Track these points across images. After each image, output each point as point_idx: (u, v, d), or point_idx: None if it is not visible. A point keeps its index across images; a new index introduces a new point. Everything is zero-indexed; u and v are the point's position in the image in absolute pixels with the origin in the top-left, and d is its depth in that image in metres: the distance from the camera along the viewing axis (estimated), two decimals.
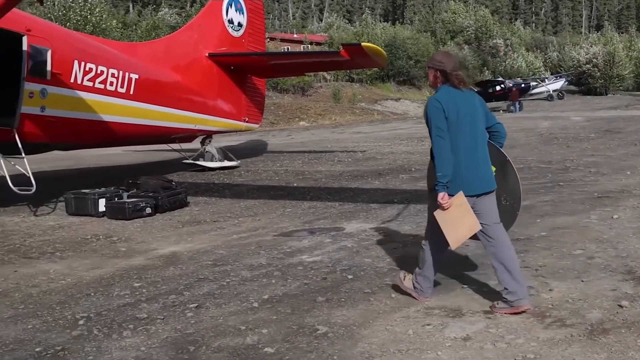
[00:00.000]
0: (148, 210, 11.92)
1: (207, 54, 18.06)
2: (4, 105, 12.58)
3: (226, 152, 19.19)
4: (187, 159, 18.46)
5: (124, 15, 79.39)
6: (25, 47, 12.12)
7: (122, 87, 14.56)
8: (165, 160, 20.80)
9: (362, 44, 15.17)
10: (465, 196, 6.28)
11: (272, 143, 25.94)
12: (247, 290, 7.40)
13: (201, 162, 18.35)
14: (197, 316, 6.63)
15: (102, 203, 12.05)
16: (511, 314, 6.21)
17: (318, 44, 68.86)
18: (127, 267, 8.63)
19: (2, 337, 6.23)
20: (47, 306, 7.12)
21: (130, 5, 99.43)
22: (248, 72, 19.29)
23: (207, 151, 18.75)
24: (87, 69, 13.54)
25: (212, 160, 18.53)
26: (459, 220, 6.31)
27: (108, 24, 47.69)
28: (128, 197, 12.34)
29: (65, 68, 13.01)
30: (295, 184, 15.35)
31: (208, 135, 18.85)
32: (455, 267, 7.85)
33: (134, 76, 14.93)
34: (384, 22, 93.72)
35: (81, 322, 6.56)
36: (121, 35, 49.53)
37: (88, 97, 13.63)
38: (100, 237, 10.50)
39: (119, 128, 14.63)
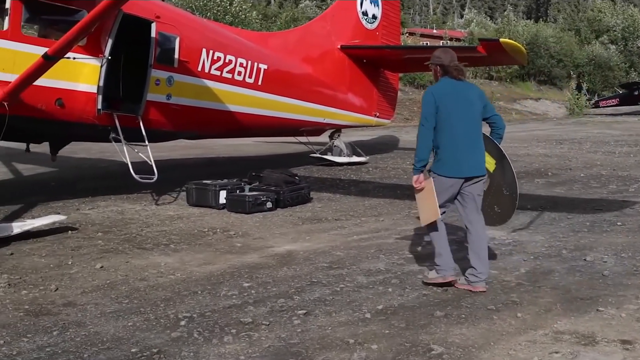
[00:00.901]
0: (269, 204, 11.55)
1: (339, 46, 17.60)
2: (130, 92, 12.50)
3: (355, 147, 18.68)
4: (315, 153, 18.05)
5: (265, 7, 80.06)
6: (153, 34, 11.98)
7: (250, 77, 14.29)
8: (293, 153, 20.51)
9: (501, 40, 14.25)
10: (455, 178, 7.02)
11: (404, 140, 25.26)
12: (360, 299, 6.86)
13: (329, 157, 17.91)
14: (304, 324, 6.13)
15: (222, 195, 11.77)
16: (467, 290, 7.06)
17: (458, 40, 67.46)
18: (239, 265, 8.25)
19: (100, 334, 5.93)
20: (151, 302, 6.81)
21: None
22: (381, 65, 18.71)
23: (335, 145, 18.29)
24: (215, 57, 13.32)
25: (340, 155, 18.06)
26: (426, 203, 7.14)
27: (247, 14, 47.96)
28: (250, 190, 12.01)
29: (193, 56, 12.82)
30: None
31: (337, 129, 18.40)
32: (590, 286, 7.06)
33: (263, 66, 14.62)
34: (526, 19, 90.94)
35: (183, 322, 6.19)
36: (260, 26, 49.82)
37: (215, 87, 13.41)
38: (218, 230, 10.20)
39: (245, 119, 14.37)
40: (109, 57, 10.96)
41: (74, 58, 10.52)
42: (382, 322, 6.16)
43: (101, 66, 10.99)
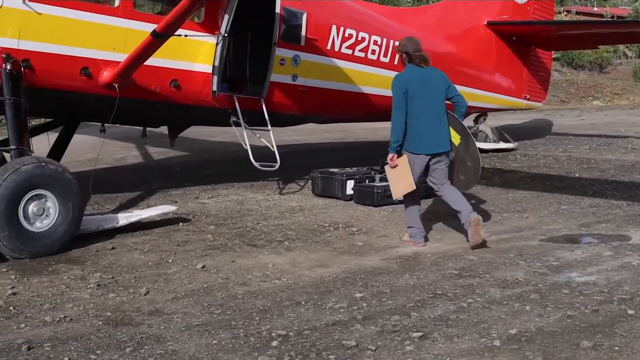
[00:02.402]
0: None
1: (485, 22, 16.07)
2: (252, 72, 11.68)
3: (502, 133, 17.15)
4: None
5: None
6: (278, 9, 11.07)
7: (385, 56, 13.16)
8: None
9: None
10: (422, 154, 8.02)
11: (559, 124, 23.34)
12: (490, 319, 5.69)
13: None
14: (417, 352, 5.04)
15: (350, 185, 10.78)
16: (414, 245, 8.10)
17: (620, 17, 63.48)
18: (356, 269, 7.23)
19: (177, 354, 5.08)
20: (245, 314, 5.91)
21: None
22: (532, 43, 17.03)
23: (480, 130, 16.82)
24: (346, 35, 12.28)
25: (485, 141, 16.57)
26: (401, 178, 8.11)
27: None
28: (380, 180, 10.94)
29: (322, 34, 11.83)
30: (577, 174, 13.06)
31: (482, 112, 16.91)
32: None
33: None
34: None
35: (275, 343, 5.25)
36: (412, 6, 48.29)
37: (346, 66, 12.37)
38: (340, 225, 9.23)
39: (379, 101, 13.23)
40: (226, 35, 10.11)
41: (189, 36, 9.74)
42: (513, 352, 4.98)
43: (217, 44, 10.16)
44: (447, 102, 8.31)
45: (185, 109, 10.47)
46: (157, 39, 8.86)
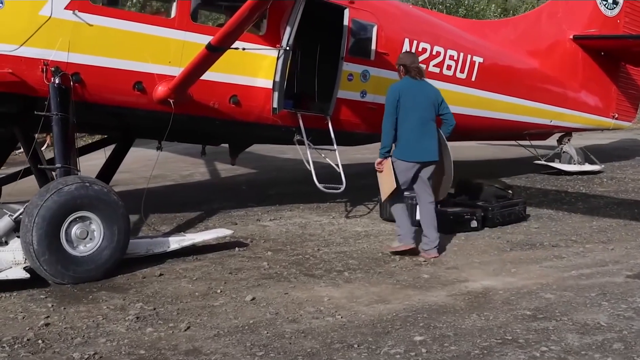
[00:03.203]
0: (473, 223, 9.70)
1: (571, 36, 15.13)
2: (318, 88, 11.06)
3: (587, 154, 16.10)
4: (540, 160, 15.70)
5: (505, 1, 76.18)
6: (346, 21, 10.45)
7: (461, 72, 12.39)
8: (518, 158, 18.21)
9: None
10: (411, 162, 8.45)
11: None
12: None
13: (556, 164, 15.46)
14: None
15: (419, 209, 10.01)
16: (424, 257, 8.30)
17: None
18: (418, 306, 6.51)
19: None
20: (290, 358, 5.25)
21: None
22: (622, 59, 15.96)
23: (564, 151, 15.83)
24: (420, 49, 11.54)
25: (569, 163, 15.58)
26: (386, 180, 8.59)
27: (483, 7, 45.34)
28: (453, 204, 10.19)
29: (394, 47, 11.12)
30: None
31: (566, 132, 15.90)
32: None
33: (478, 60, 12.66)
34: None
35: None
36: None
37: None
38: (406, 254, 8.48)
39: (456, 120, 12.44)
40: (287, 48, 9.50)
41: (248, 49, 9.18)
42: None
43: (277, 58, 9.56)
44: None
45: (245, 127, 9.92)
46: (213, 53, 8.33)
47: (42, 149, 18.49)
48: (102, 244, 7.40)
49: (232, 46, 8.58)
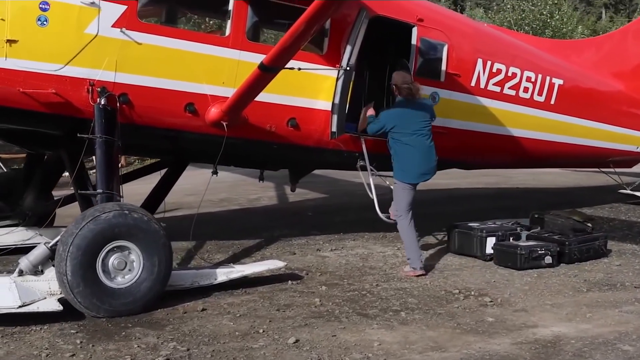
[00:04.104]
0: (548, 259, 8.90)
1: None
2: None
3: None
4: (625, 188, 14.68)
5: (594, 22, 73.88)
6: (414, 40, 9.83)
7: (540, 94, 11.58)
8: (602, 186, 17.18)
9: None
10: (408, 183, 8.77)
11: None
12: None
13: None
14: None
15: (490, 243, 9.32)
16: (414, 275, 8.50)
17: None
18: (478, 356, 5.83)
19: None
20: None
21: (603, 12, 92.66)
22: None
23: None
24: (494, 70, 10.83)
25: None
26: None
27: (570, 28, 43.94)
28: (526, 238, 9.44)
29: (466, 68, 10.46)
30: None
31: None
32: None
33: (558, 82, 11.84)
34: None
35: None
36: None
37: (493, 106, 10.91)
38: (472, 293, 7.80)
39: (532, 146, 11.68)
40: (348, 69, 8.91)
41: (304, 69, 8.64)
42: None
43: (337, 79, 8.99)
44: None
45: (304, 151, 9.37)
46: (266, 73, 7.81)
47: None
48: (141, 276, 6.94)
49: (287, 66, 8.03)
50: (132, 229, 6.89)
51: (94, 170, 7.93)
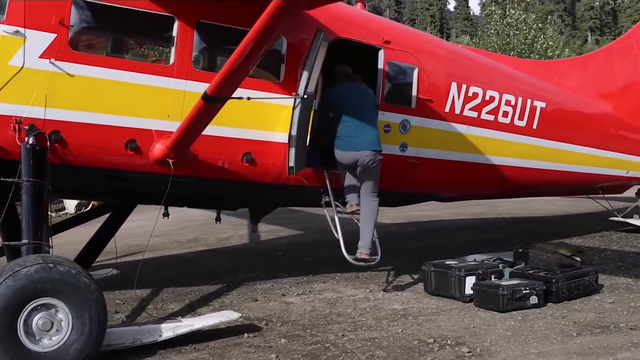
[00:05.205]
0: (533, 299, 8.10)
1: None
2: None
3: None
4: (616, 216, 13.90)
5: (580, 45, 73.88)
6: (381, 64, 9.11)
7: (520, 119, 10.87)
8: (592, 212, 16.43)
9: None
10: (350, 151, 8.72)
11: None
12: None
13: (635, 221, 13.67)
14: None
15: (469, 282, 8.51)
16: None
17: None
18: None
19: None
20: None
21: (589, 35, 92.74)
22: None
23: None
24: (470, 94, 10.11)
25: None
26: None
27: (558, 52, 43.60)
28: (510, 275, 8.66)
29: (438, 93, 9.74)
30: None
31: None
32: None
33: (540, 105, 11.13)
34: None
35: None
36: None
37: (470, 133, 10.17)
38: (448, 342, 6.97)
39: (514, 175, 10.92)
40: (305, 97, 8.13)
41: (263, 99, 7.89)
42: None
43: (293, 108, 8.21)
44: None
45: (263, 189, 8.58)
46: (211, 104, 7.03)
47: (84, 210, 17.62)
48: (70, 337, 6.09)
49: (235, 95, 7.25)
50: (57, 284, 6.05)
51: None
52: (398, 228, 9.11)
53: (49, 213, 7.14)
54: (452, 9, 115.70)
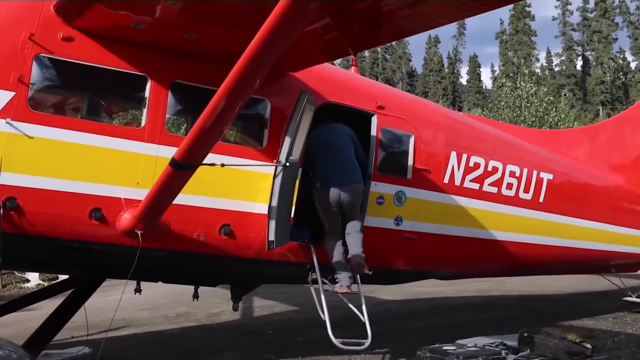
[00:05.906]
0: None
1: None
2: None
3: None
4: (631, 295, 13.16)
5: (592, 119, 73.87)
6: (374, 131, 8.55)
7: (526, 191, 10.28)
8: (604, 291, 15.65)
9: None
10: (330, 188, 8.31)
11: None
12: None
13: None
14: None
15: None
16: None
17: None
18: None
19: None
20: None
21: (600, 109, 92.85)
22: None
23: None
24: (471, 164, 9.55)
25: None
26: None
27: (568, 124, 43.39)
28: None
29: (437, 163, 9.19)
30: None
31: None
32: None
33: (547, 176, 10.55)
34: None
35: None
36: None
37: (471, 206, 9.58)
38: None
39: (519, 251, 10.26)
40: (287, 164, 7.50)
41: (240, 166, 7.30)
42: None
43: (274, 177, 7.57)
44: None
45: (243, 264, 7.92)
46: (180, 170, 6.40)
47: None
48: None
49: (205, 162, 6.62)
50: None
51: None
52: (398, 305, 8.50)
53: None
54: (464, 82, 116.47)
